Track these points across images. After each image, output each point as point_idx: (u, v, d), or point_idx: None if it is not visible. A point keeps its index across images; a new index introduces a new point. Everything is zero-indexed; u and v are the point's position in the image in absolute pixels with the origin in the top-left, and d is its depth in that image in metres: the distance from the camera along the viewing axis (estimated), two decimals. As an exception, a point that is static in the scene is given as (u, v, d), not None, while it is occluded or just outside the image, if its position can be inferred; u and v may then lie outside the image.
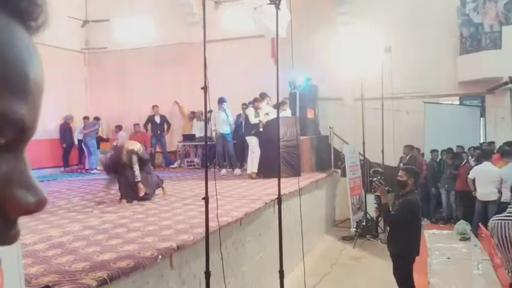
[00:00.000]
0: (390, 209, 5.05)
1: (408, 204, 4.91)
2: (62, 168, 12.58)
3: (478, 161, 8.86)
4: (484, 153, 8.93)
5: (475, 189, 8.47)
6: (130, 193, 6.49)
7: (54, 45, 12.83)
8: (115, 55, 13.85)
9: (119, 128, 13.20)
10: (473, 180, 8.47)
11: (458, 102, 12.03)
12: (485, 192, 8.26)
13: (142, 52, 13.41)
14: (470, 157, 9.82)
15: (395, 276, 5.01)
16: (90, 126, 12.60)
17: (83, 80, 14.33)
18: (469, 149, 10.09)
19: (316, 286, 6.25)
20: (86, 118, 12.98)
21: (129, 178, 6.41)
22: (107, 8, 13.37)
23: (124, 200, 6.44)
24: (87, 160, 12.52)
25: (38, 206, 0.50)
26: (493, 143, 10.34)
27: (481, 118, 11.57)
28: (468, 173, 8.67)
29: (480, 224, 7.67)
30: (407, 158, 10.07)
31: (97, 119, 12.91)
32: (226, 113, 10.08)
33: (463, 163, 9.43)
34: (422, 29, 11.45)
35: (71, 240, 4.16)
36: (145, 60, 13.37)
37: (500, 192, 8.06)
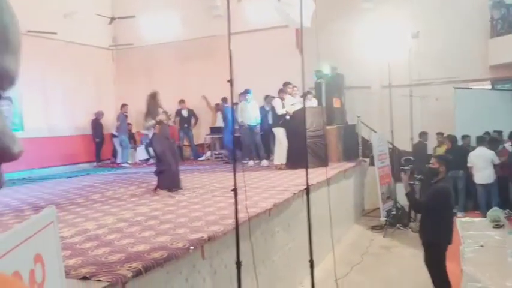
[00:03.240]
0: (416, 197, 5.00)
1: (435, 192, 4.87)
2: (95, 163, 12.93)
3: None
4: (479, 140, 9.23)
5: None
6: (173, 181, 6.62)
7: (83, 43, 13.15)
8: (141, 51, 14.06)
9: None
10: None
11: (490, 87, 11.68)
12: (483, 175, 8.72)
13: (168, 47, 13.56)
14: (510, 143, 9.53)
15: (427, 265, 4.97)
16: (120, 118, 12.80)
17: (111, 76, 14.62)
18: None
19: (347, 275, 6.25)
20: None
21: (172, 165, 6.63)
22: (133, 5, 13.57)
23: (162, 191, 6.55)
24: (118, 154, 12.82)
25: (19, 154, 0.63)
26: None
27: (515, 102, 11.21)
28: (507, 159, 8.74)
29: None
30: (415, 144, 9.85)
31: (124, 105, 12.93)
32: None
33: (499, 148, 9.16)
34: (451, 12, 11.13)
35: (106, 233, 4.29)
36: (171, 54, 13.52)
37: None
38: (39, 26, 11.54)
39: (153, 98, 6.86)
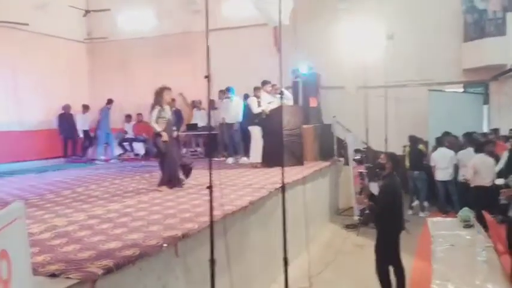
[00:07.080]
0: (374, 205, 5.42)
1: (384, 190, 5.27)
2: (67, 158, 12.62)
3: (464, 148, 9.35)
4: (439, 141, 9.75)
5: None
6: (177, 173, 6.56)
7: (57, 36, 12.83)
8: (117, 45, 13.81)
9: (128, 117, 13.28)
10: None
11: (462, 90, 11.95)
12: (443, 173, 9.26)
13: (144, 41, 13.36)
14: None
15: (375, 252, 5.17)
16: (103, 112, 12.60)
17: (85, 70, 14.31)
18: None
19: (321, 274, 6.28)
20: (85, 107, 12.95)
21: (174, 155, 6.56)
22: (108, -3, 13.29)
23: (164, 187, 6.48)
24: (93, 149, 12.60)
25: None
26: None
27: (484, 105, 11.50)
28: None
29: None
30: (408, 149, 10.05)
31: (110, 101, 12.81)
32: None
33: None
34: (426, 16, 11.33)
35: (77, 230, 4.18)
36: (148, 49, 13.32)
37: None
38: (10, 16, 11.19)
39: (159, 93, 6.81)
